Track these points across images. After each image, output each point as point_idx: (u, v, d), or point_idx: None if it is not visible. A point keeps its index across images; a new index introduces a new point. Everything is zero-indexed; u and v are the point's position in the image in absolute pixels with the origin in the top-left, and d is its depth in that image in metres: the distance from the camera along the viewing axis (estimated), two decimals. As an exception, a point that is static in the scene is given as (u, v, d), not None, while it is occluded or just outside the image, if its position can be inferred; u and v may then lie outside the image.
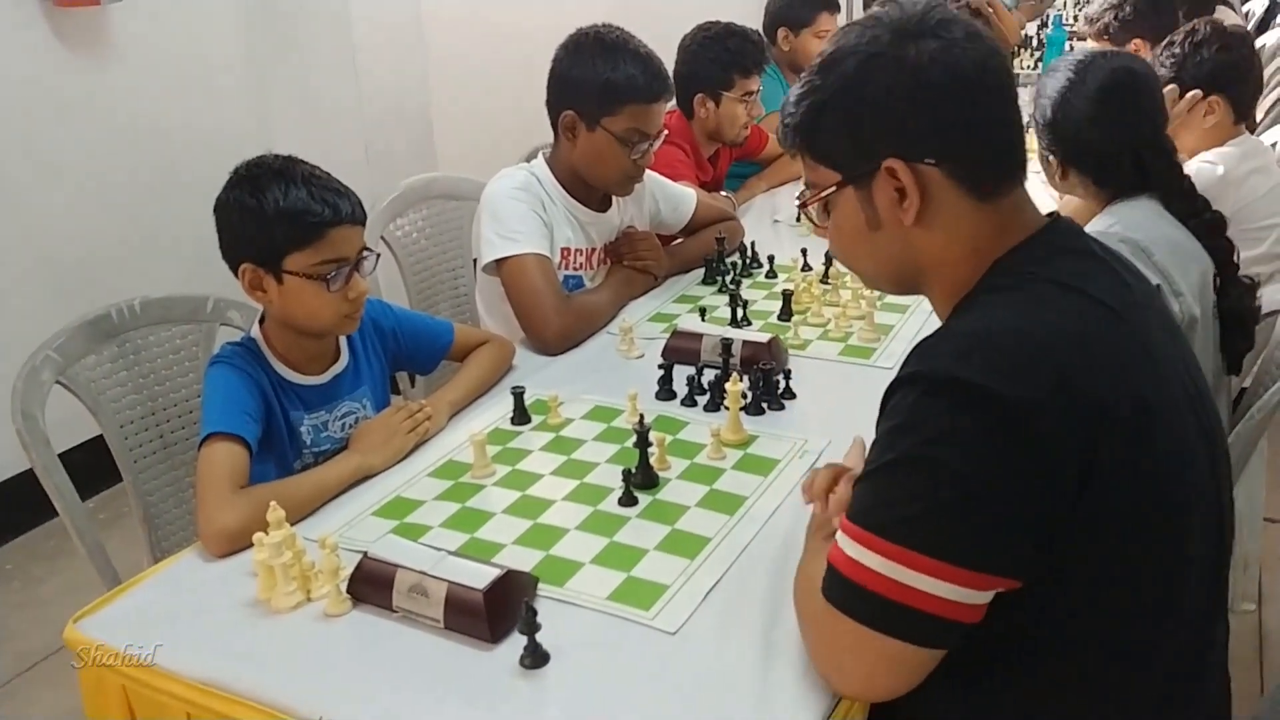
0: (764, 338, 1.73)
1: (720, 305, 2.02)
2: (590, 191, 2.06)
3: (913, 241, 1.05)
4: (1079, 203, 1.87)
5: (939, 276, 1.07)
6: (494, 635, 1.12)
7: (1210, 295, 1.68)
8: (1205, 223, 1.67)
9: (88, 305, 1.65)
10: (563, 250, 2.01)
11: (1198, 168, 2.18)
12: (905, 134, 1.01)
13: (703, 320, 1.94)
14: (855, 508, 0.98)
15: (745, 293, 2.00)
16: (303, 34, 3.32)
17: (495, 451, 1.50)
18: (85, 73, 2.87)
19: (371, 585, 1.18)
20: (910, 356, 0.99)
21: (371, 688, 1.08)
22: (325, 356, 1.59)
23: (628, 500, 1.36)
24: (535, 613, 1.07)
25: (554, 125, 2.00)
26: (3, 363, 1.73)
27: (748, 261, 2.23)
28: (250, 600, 1.21)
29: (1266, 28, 4.63)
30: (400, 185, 2.37)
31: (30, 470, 1.51)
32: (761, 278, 2.20)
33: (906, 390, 0.96)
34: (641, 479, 1.39)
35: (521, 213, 1.93)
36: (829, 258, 2.12)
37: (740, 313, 1.94)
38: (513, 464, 1.48)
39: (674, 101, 2.35)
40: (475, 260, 2.06)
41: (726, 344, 1.68)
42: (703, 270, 2.22)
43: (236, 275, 1.48)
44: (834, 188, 1.07)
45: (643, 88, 1.92)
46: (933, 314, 1.12)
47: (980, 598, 0.93)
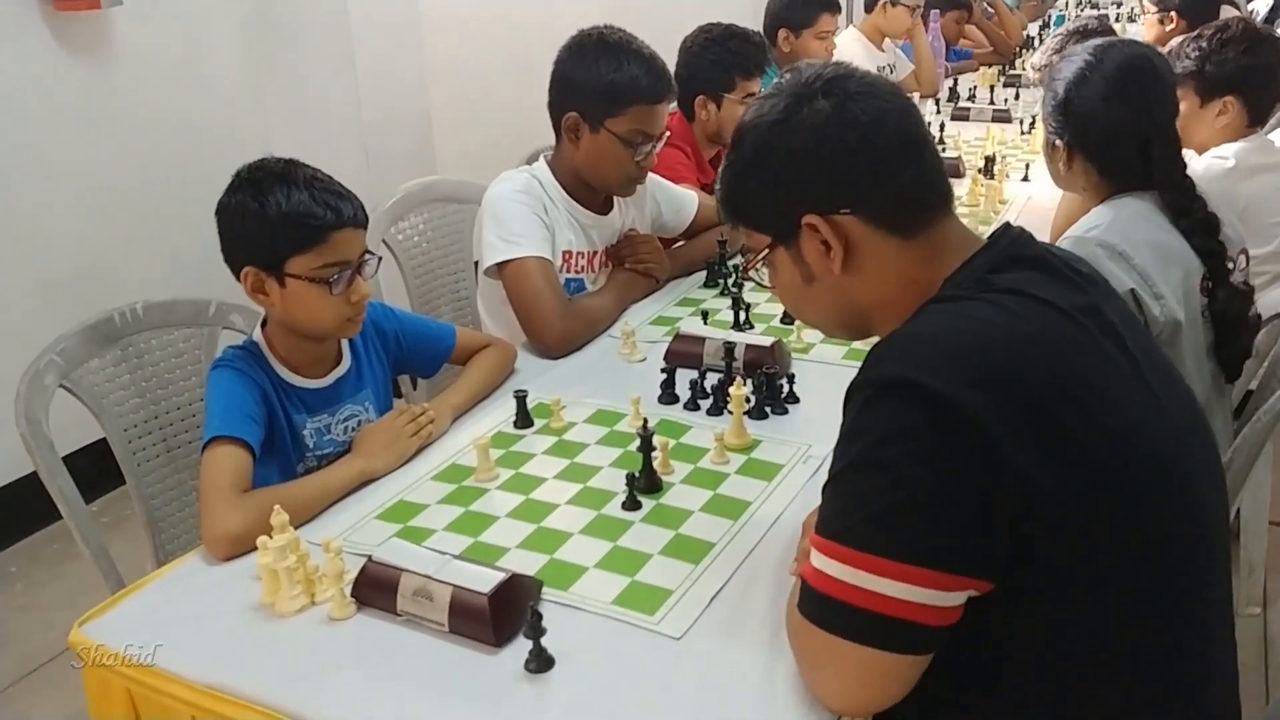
0: (767, 341, 1.72)
1: (723, 308, 2.02)
2: (592, 194, 2.06)
3: (848, 288, 1.10)
4: (1074, 205, 1.86)
5: (882, 314, 1.11)
6: (499, 639, 1.11)
7: (1198, 298, 1.66)
8: (1197, 222, 1.66)
9: (90, 309, 1.65)
10: (564, 253, 2.01)
11: (1207, 164, 2.18)
12: (816, 191, 1.07)
13: (705, 323, 1.94)
14: (818, 520, 0.99)
15: (748, 296, 1.99)
16: (302, 37, 3.32)
17: (498, 455, 1.50)
18: (85, 76, 2.87)
19: (376, 589, 1.18)
20: (861, 365, 1.01)
21: (376, 692, 1.08)
22: (327, 360, 1.59)
23: (631, 505, 1.36)
24: (540, 617, 1.07)
25: (556, 127, 2.00)
26: (6, 367, 1.73)
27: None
28: (254, 604, 1.21)
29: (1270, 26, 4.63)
30: (401, 189, 2.37)
31: (34, 474, 1.52)
32: (764, 281, 2.19)
33: (855, 398, 0.99)
34: (645, 483, 1.39)
35: (523, 216, 1.93)
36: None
37: (743, 316, 1.94)
38: (516, 468, 1.48)
39: (675, 104, 2.35)
40: (477, 263, 2.06)
41: (729, 347, 1.67)
42: (705, 273, 2.22)
43: (239, 279, 1.48)
44: (767, 249, 1.15)
45: (646, 89, 1.92)
46: None
47: (948, 599, 0.92)
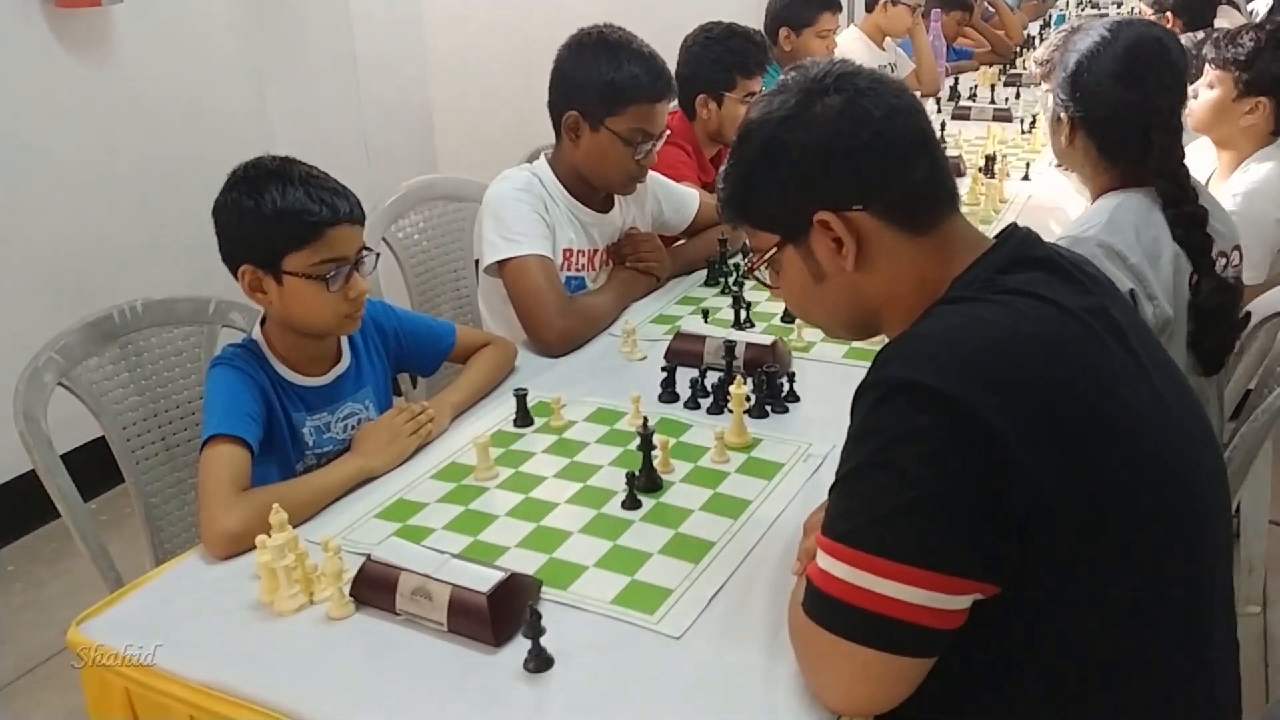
0: (767, 340, 1.72)
1: (723, 307, 2.01)
2: (593, 192, 2.05)
3: (859, 286, 1.09)
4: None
5: (891, 313, 1.10)
6: (498, 639, 1.11)
7: (1184, 292, 1.65)
8: (1184, 214, 1.64)
9: (89, 307, 1.65)
10: (565, 252, 2.01)
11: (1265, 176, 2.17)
12: (828, 187, 1.06)
13: (705, 322, 1.94)
14: (824, 521, 0.99)
15: (748, 294, 1.99)
16: (303, 35, 3.32)
17: (498, 454, 1.50)
18: (86, 73, 2.86)
19: (375, 588, 1.18)
20: (870, 367, 1.00)
21: (375, 691, 1.08)
22: (327, 358, 1.59)
23: (631, 503, 1.36)
24: (539, 616, 1.07)
25: (556, 125, 2.00)
26: (5, 364, 1.73)
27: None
28: (253, 603, 1.21)
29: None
30: (401, 187, 2.37)
31: (33, 472, 1.51)
32: (767, 280, 2.19)
33: (864, 399, 0.98)
34: (645, 482, 1.38)
35: (524, 214, 1.93)
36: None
37: (743, 315, 1.94)
38: (515, 466, 1.48)
39: (675, 102, 2.34)
40: (477, 262, 2.05)
41: (730, 346, 1.67)
42: (705, 272, 2.22)
43: (236, 277, 1.48)
44: (775, 248, 1.13)
45: (647, 88, 1.92)
46: None
47: (954, 603, 0.92)
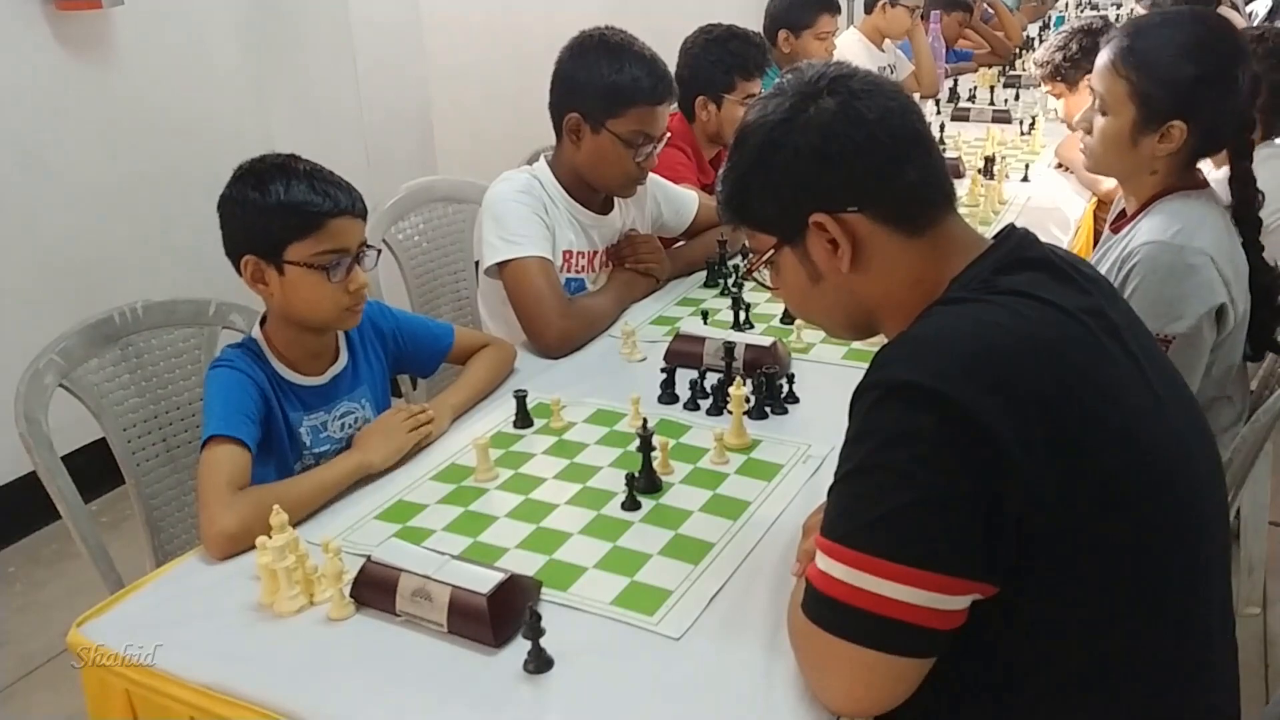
0: (767, 341, 1.72)
1: (723, 308, 2.01)
2: (592, 194, 2.06)
3: (855, 287, 1.10)
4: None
5: (889, 314, 1.10)
6: (498, 640, 1.11)
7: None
8: (1252, 216, 1.64)
9: (90, 309, 1.65)
10: (565, 253, 2.01)
11: None
12: (823, 189, 1.06)
13: (705, 323, 1.94)
14: (823, 522, 0.99)
15: (747, 296, 1.99)
16: (303, 38, 3.32)
17: (497, 455, 1.50)
18: (86, 76, 2.87)
19: (375, 589, 1.18)
20: (868, 368, 1.00)
21: (375, 692, 1.08)
22: (325, 355, 1.59)
23: (631, 505, 1.36)
24: (539, 617, 1.07)
25: (556, 127, 2.00)
26: (6, 365, 1.73)
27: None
28: (253, 604, 1.21)
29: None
30: (401, 188, 2.37)
31: (33, 473, 1.52)
32: (766, 281, 2.19)
33: (862, 400, 0.98)
34: (644, 483, 1.39)
35: (524, 216, 1.93)
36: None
37: (743, 316, 1.94)
38: (515, 468, 1.48)
39: (675, 104, 2.35)
40: (477, 263, 2.05)
41: (729, 347, 1.67)
42: (705, 273, 2.22)
43: (239, 269, 1.49)
44: (773, 250, 1.13)
45: (647, 90, 1.92)
46: None
47: (953, 603, 0.92)
